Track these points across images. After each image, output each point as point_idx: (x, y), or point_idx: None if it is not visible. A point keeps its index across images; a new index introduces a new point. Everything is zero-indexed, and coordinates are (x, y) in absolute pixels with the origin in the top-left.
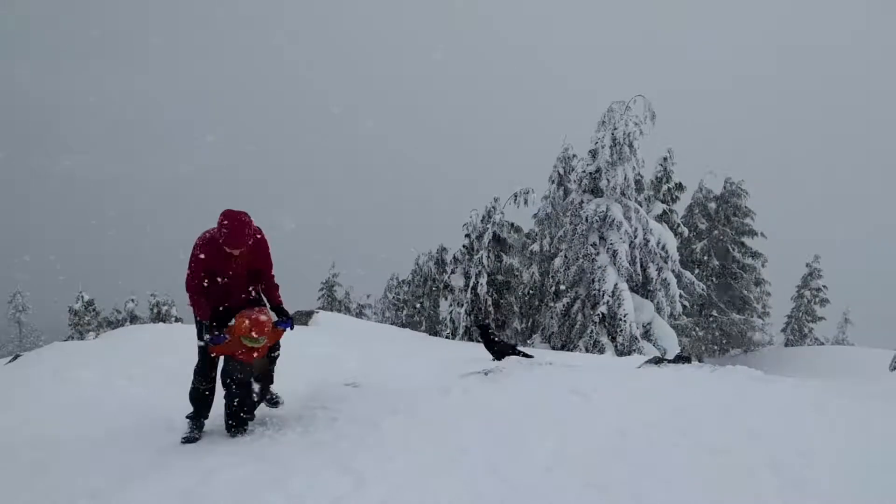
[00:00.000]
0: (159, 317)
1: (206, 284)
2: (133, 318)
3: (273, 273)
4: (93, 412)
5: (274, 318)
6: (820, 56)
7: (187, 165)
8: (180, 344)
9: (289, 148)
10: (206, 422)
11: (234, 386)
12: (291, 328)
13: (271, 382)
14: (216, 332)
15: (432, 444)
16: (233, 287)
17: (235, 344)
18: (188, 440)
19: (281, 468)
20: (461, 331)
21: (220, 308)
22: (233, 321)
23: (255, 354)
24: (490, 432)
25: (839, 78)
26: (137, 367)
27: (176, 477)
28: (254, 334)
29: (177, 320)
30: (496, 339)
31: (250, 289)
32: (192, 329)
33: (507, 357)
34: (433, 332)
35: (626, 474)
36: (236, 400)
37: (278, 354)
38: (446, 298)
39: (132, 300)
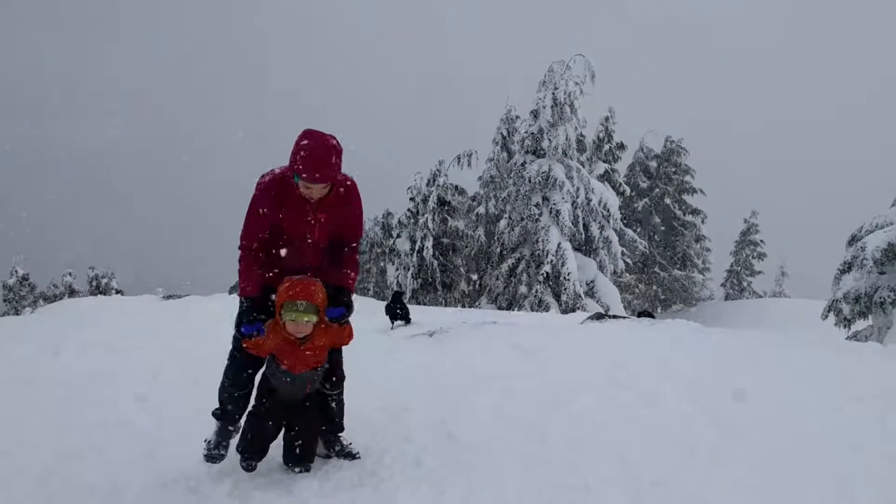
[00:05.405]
0: (98, 290)
1: (259, 247)
2: (71, 292)
3: (357, 246)
4: (27, 388)
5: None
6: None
7: (135, 133)
8: (119, 315)
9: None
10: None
11: (264, 407)
12: (343, 317)
13: (340, 429)
14: (253, 318)
15: (377, 405)
16: (305, 257)
17: (276, 336)
18: (211, 458)
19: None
20: (409, 295)
21: (272, 288)
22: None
23: (306, 352)
24: (435, 390)
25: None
26: (74, 340)
27: (113, 452)
28: (296, 298)
29: (117, 292)
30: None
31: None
32: (132, 302)
33: (397, 321)
34: (381, 296)
35: (565, 425)
36: (255, 422)
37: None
38: (393, 263)
39: (70, 273)
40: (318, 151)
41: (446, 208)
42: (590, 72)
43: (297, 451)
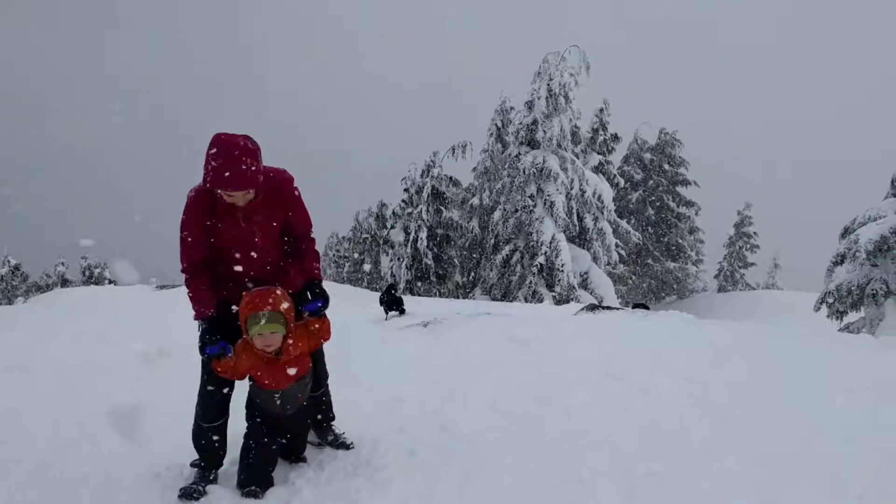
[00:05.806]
0: (91, 279)
1: (205, 262)
2: (64, 282)
3: (312, 235)
4: (22, 377)
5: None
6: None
7: (137, 128)
8: (111, 305)
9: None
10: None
11: (261, 431)
12: (321, 309)
13: (331, 419)
14: (216, 338)
15: (371, 395)
16: (256, 264)
17: (249, 356)
18: (186, 494)
19: None
20: (403, 286)
21: (230, 304)
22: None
23: (285, 366)
24: (429, 381)
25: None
26: (67, 329)
27: (107, 443)
28: (257, 309)
29: (110, 282)
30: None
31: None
32: (125, 292)
33: (392, 312)
34: (375, 288)
35: (560, 416)
36: (255, 449)
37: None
38: (387, 254)
39: (62, 263)
40: (227, 158)
41: (440, 199)
42: (584, 63)
43: (292, 446)
